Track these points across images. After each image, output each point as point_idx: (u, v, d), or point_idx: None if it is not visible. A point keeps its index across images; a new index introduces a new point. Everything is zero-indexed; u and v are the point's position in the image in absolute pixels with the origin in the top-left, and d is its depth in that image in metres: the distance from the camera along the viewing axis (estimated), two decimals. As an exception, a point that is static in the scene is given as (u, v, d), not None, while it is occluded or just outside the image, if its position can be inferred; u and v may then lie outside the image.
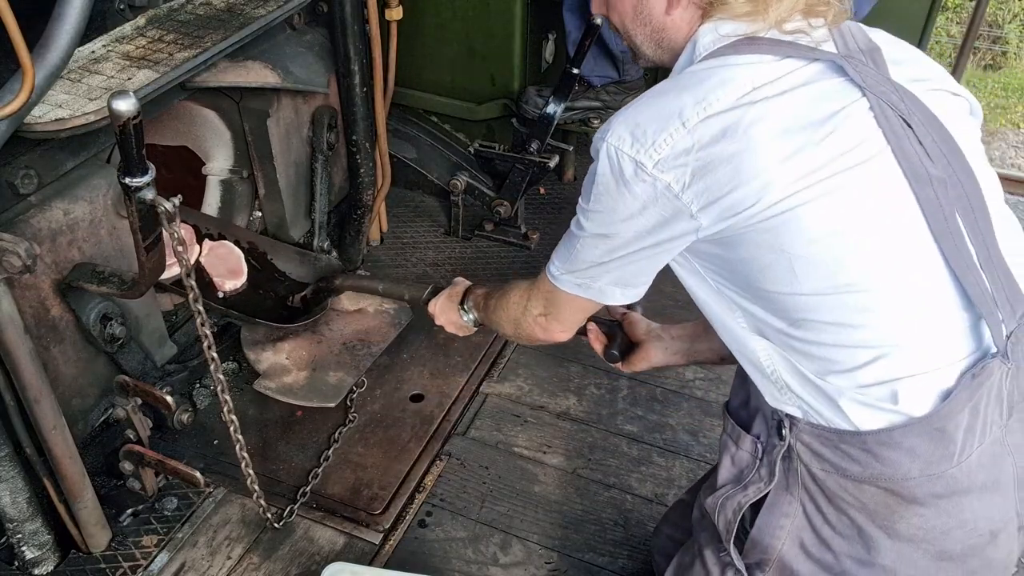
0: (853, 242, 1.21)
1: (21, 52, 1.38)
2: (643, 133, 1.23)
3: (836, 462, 1.27)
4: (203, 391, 2.41)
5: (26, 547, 1.89)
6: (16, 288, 1.69)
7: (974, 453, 1.24)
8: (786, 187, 1.18)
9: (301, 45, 2.44)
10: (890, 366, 1.22)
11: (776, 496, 1.35)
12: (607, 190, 1.28)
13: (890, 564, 1.29)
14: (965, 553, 1.28)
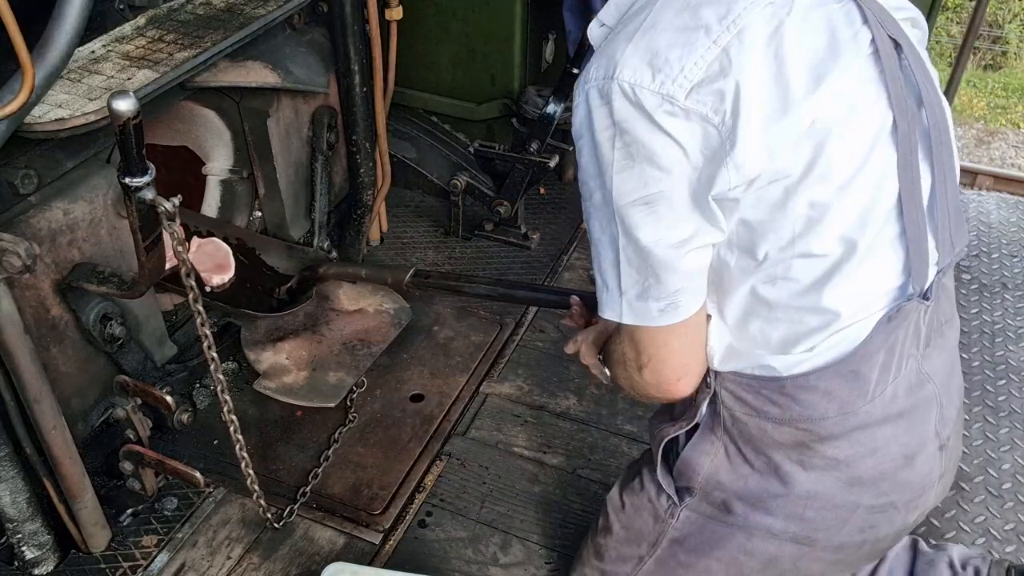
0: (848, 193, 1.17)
1: (21, 52, 1.38)
2: (665, 61, 1.08)
3: (757, 406, 1.32)
4: (203, 391, 2.41)
5: (26, 547, 1.89)
6: (16, 288, 1.69)
7: (888, 387, 1.29)
8: (811, 120, 1.10)
9: (301, 45, 2.44)
10: (828, 324, 1.25)
11: (701, 435, 1.42)
12: (634, 138, 1.11)
13: (803, 492, 1.36)
14: (876, 478, 1.35)
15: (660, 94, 1.08)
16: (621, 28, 1.16)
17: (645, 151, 1.11)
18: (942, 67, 6.87)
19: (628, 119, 1.11)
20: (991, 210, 3.20)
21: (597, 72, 1.13)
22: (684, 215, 1.16)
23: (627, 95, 1.09)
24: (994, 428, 2.34)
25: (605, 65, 1.12)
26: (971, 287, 2.83)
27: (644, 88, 1.09)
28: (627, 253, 1.20)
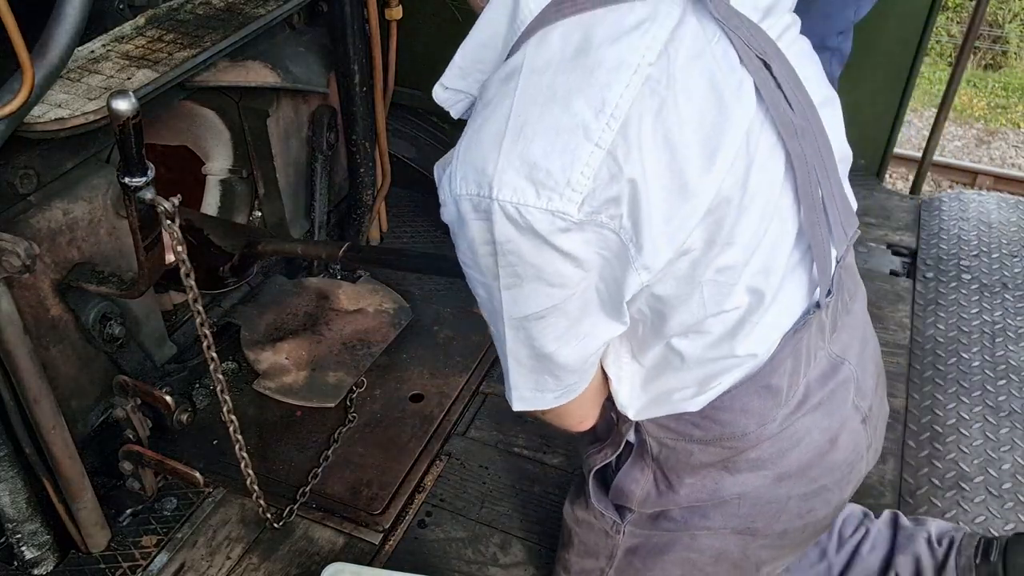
0: (752, 249, 1.12)
1: (21, 52, 1.38)
2: (547, 174, 0.95)
3: (680, 430, 1.33)
4: (203, 391, 2.41)
5: (25, 547, 1.89)
6: (16, 288, 1.69)
7: (800, 387, 1.29)
8: (712, 197, 1.02)
9: (301, 45, 2.44)
10: (742, 364, 1.25)
11: (632, 463, 1.43)
12: (521, 258, 1.00)
13: (734, 495, 1.37)
14: (803, 468, 1.35)
15: (549, 211, 0.95)
16: (479, 119, 1.02)
17: (534, 271, 1.01)
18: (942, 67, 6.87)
19: (512, 240, 0.98)
20: (991, 210, 3.20)
21: (466, 184, 0.99)
22: (583, 320, 1.10)
23: (511, 217, 0.96)
24: (994, 428, 2.34)
25: (476, 179, 0.98)
26: (971, 287, 2.82)
27: (530, 207, 0.95)
28: (518, 356, 1.15)
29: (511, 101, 0.98)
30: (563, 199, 0.95)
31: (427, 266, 2.03)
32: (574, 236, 0.98)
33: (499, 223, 0.97)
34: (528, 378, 1.18)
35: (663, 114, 0.97)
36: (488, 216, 0.98)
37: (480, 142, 1.00)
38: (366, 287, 2.72)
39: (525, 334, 1.10)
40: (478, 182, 0.98)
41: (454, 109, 1.23)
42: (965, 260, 2.93)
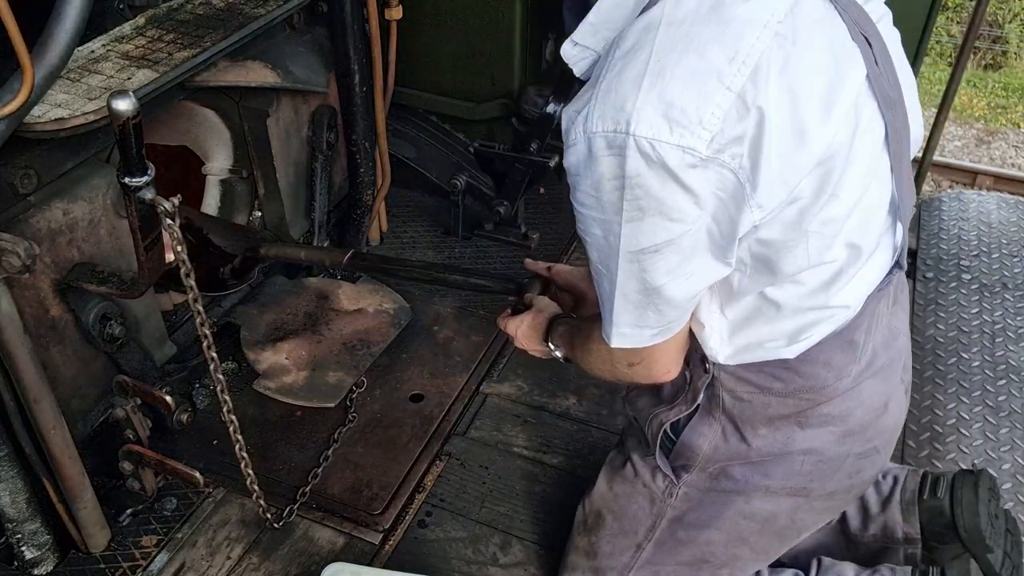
0: (854, 205, 1.22)
1: (21, 52, 1.38)
2: (681, 112, 1.04)
3: (760, 383, 1.40)
4: (203, 391, 2.41)
5: (25, 547, 1.89)
6: (16, 288, 1.69)
7: (869, 347, 1.39)
8: (825, 148, 1.12)
9: (301, 45, 2.43)
10: (834, 315, 1.34)
11: (700, 418, 1.49)
12: (647, 192, 1.09)
13: (801, 450, 1.44)
14: (864, 426, 1.45)
15: (680, 146, 1.05)
16: (619, 65, 1.10)
17: (657, 204, 1.09)
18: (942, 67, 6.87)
19: (642, 174, 1.07)
20: (991, 210, 3.20)
21: (603, 121, 1.08)
22: (694, 258, 1.17)
23: (644, 151, 1.05)
24: (994, 428, 2.34)
25: (613, 116, 1.07)
26: (971, 287, 2.82)
27: (664, 143, 1.05)
28: (626, 290, 1.21)
29: (651, 48, 1.07)
30: (694, 136, 1.04)
31: (432, 277, 2.05)
32: (698, 173, 1.06)
33: (632, 157, 1.06)
34: (632, 313, 1.24)
35: (789, 66, 1.07)
36: (622, 151, 1.06)
37: (620, 84, 1.08)
38: (366, 287, 2.72)
39: (639, 267, 1.16)
40: (615, 119, 1.07)
41: (578, 66, 1.29)
42: (965, 260, 2.93)
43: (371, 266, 2.23)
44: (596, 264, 1.23)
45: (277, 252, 2.31)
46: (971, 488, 1.77)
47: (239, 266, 2.38)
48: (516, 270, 2.96)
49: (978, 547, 1.73)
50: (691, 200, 1.09)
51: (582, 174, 1.14)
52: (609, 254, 1.18)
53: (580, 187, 1.15)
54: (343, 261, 2.00)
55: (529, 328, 1.69)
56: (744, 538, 1.59)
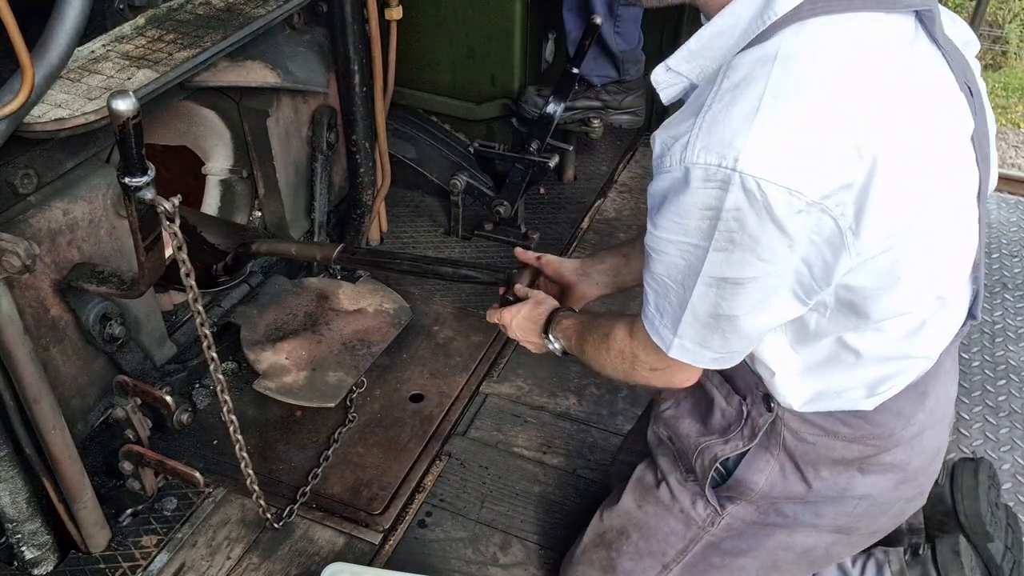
0: (948, 257, 1.23)
1: (20, 52, 1.38)
2: (795, 154, 1.02)
3: (827, 427, 1.38)
4: (203, 391, 2.41)
5: (25, 547, 1.89)
6: (16, 288, 1.69)
7: (934, 396, 1.39)
8: (927, 199, 1.12)
9: (301, 45, 2.43)
10: (916, 366, 1.34)
11: (755, 454, 1.46)
12: (742, 227, 1.05)
13: (860, 494, 1.43)
14: (918, 473, 1.46)
15: (788, 189, 1.02)
16: (727, 97, 1.06)
17: (750, 242, 1.07)
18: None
19: (741, 210, 1.04)
20: (991, 210, 3.20)
21: (707, 154, 1.04)
22: (773, 296, 1.15)
23: (748, 189, 1.02)
24: (994, 428, 2.34)
25: (719, 149, 1.03)
26: (971, 287, 2.82)
27: (772, 183, 1.01)
28: (698, 311, 1.18)
29: (765, 83, 1.04)
30: (803, 180, 1.01)
31: (422, 269, 2.06)
32: (800, 218, 1.04)
33: (733, 193, 1.03)
34: (698, 333, 1.21)
35: (900, 116, 1.06)
36: (724, 186, 1.03)
37: (730, 117, 1.04)
38: (366, 287, 2.72)
39: (716, 293, 1.14)
40: (721, 153, 1.03)
41: (666, 92, 1.26)
42: (965, 260, 2.92)
43: (361, 260, 2.24)
44: (662, 277, 1.19)
45: (269, 248, 2.32)
46: (971, 474, 1.78)
47: (231, 263, 2.39)
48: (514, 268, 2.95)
49: (979, 535, 1.73)
50: (785, 243, 1.07)
51: (669, 199, 1.11)
52: (687, 274, 1.15)
53: (664, 211, 1.12)
54: (333, 256, 2.01)
55: (526, 319, 1.66)
56: (778, 566, 1.56)
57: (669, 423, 1.61)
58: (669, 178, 1.09)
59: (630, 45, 2.93)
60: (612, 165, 3.48)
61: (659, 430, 1.65)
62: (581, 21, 2.85)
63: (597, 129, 3.07)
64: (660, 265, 1.18)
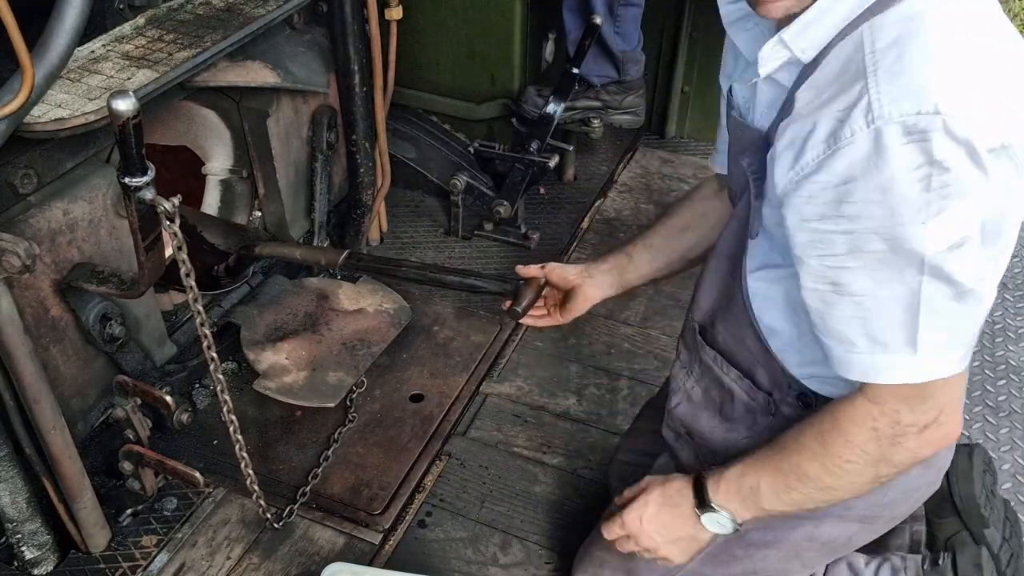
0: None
1: (20, 52, 1.38)
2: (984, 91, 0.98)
3: None
4: (203, 391, 2.41)
5: (25, 547, 1.89)
6: (16, 288, 1.69)
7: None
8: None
9: (301, 45, 2.43)
10: None
11: None
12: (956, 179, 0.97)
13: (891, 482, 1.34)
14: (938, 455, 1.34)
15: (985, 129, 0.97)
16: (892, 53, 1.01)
17: (959, 188, 0.98)
18: (942, 67, 6.88)
19: (951, 156, 0.96)
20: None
21: (900, 105, 0.97)
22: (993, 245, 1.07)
23: (950, 129, 0.95)
24: (994, 428, 2.34)
25: (915, 96, 0.96)
26: (971, 287, 2.82)
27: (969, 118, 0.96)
28: (933, 303, 1.05)
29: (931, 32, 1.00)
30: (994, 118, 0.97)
31: (427, 278, 2.06)
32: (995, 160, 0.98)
33: (938, 139, 0.95)
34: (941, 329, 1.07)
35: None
36: (926, 135, 0.95)
37: (912, 65, 0.97)
38: (366, 287, 2.72)
39: (950, 270, 1.03)
40: (918, 100, 0.95)
41: (767, 66, 1.18)
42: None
43: (367, 266, 2.24)
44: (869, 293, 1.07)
45: (272, 251, 2.31)
46: (965, 457, 1.77)
47: (233, 264, 2.38)
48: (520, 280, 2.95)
49: (974, 520, 1.72)
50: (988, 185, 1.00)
51: (860, 178, 1.00)
52: (899, 266, 1.03)
53: (855, 196, 1.01)
54: (339, 261, 2.01)
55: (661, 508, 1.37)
56: (800, 555, 1.53)
57: (685, 419, 1.59)
58: (852, 151, 0.99)
59: (630, 45, 2.93)
60: (612, 165, 3.48)
61: (675, 425, 1.64)
62: (581, 21, 2.85)
63: (597, 129, 3.07)
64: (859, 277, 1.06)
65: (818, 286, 1.10)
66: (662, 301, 2.81)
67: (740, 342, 1.45)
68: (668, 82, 3.50)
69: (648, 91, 3.21)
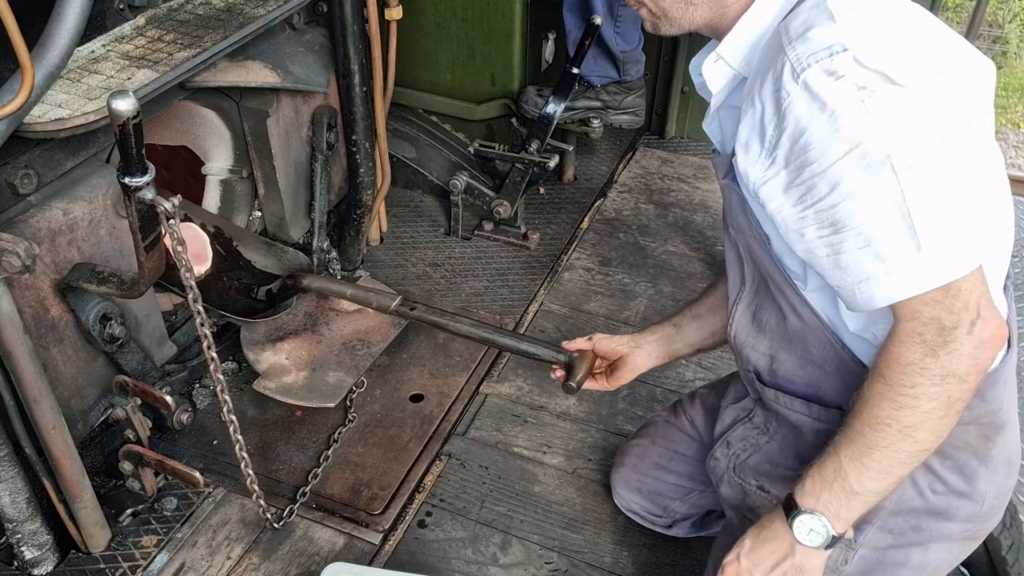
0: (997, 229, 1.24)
1: (21, 52, 1.38)
2: (883, 40, 1.10)
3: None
4: (203, 391, 2.41)
5: (26, 547, 1.89)
6: (16, 288, 1.69)
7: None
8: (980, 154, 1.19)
9: (301, 45, 2.43)
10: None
11: None
12: (887, 95, 1.06)
13: (982, 488, 1.37)
14: (1015, 459, 1.39)
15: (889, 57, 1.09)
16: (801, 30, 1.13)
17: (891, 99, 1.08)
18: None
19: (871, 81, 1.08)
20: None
21: (813, 56, 1.09)
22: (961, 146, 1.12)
23: (861, 60, 1.08)
24: (994, 428, 2.34)
25: (822, 44, 1.10)
26: (971, 287, 2.82)
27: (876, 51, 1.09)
28: (917, 194, 1.06)
29: (831, 9, 1.13)
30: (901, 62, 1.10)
31: (480, 337, 2.06)
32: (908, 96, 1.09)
33: (856, 71, 1.06)
34: (941, 218, 1.07)
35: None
36: (843, 70, 1.06)
37: (818, 29, 1.10)
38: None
39: (916, 160, 1.06)
40: (827, 46, 1.08)
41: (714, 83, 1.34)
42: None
43: (420, 316, 2.15)
44: (860, 217, 1.09)
45: (320, 285, 2.29)
46: None
47: (277, 291, 2.36)
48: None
49: None
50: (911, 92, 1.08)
51: (810, 125, 1.09)
52: (877, 180, 1.07)
53: (813, 141, 1.09)
54: (391, 307, 1.97)
55: (755, 540, 1.32)
56: None
57: (759, 470, 1.55)
58: (794, 112, 1.10)
59: (630, 45, 2.93)
60: (612, 165, 3.48)
61: (744, 481, 1.58)
62: (581, 21, 2.85)
63: (597, 129, 3.07)
64: (849, 210, 1.09)
65: (821, 232, 1.14)
66: (662, 301, 2.81)
67: (807, 359, 1.41)
68: (668, 82, 3.50)
69: (648, 91, 3.21)
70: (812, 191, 1.13)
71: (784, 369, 1.47)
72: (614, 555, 2.04)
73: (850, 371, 1.37)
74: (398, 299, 1.96)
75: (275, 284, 2.36)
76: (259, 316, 2.36)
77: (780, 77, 1.11)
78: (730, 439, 1.65)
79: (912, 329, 1.12)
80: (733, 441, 1.65)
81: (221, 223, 2.43)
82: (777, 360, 1.48)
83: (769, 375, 1.51)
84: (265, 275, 2.42)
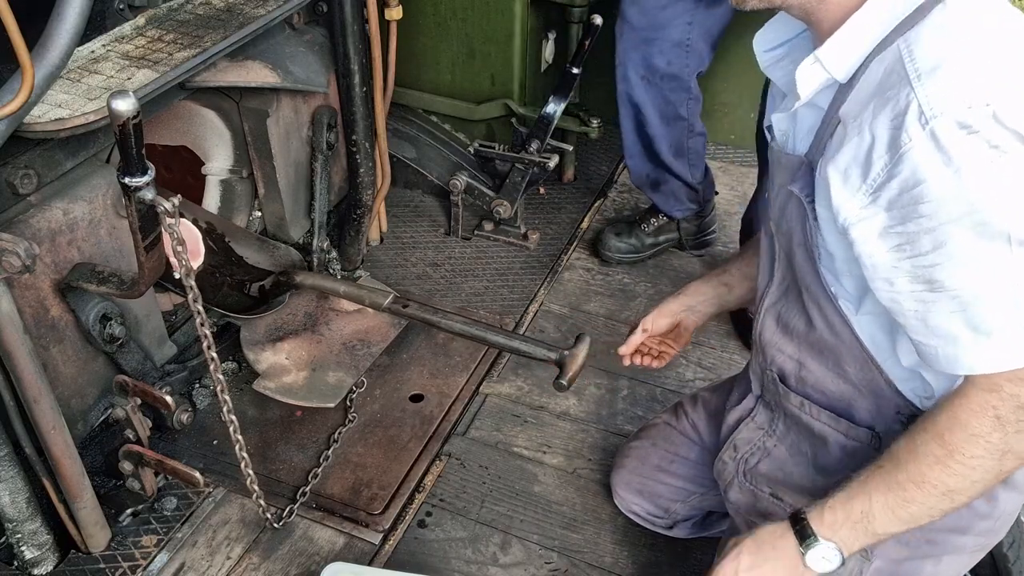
0: None
1: (20, 52, 1.38)
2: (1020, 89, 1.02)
3: None
4: (203, 391, 2.41)
5: (25, 547, 1.89)
6: (16, 288, 1.69)
7: None
8: None
9: (301, 45, 2.43)
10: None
11: None
12: (1019, 160, 1.01)
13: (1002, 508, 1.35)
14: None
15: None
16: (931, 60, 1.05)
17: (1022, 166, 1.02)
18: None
19: (1005, 141, 1.01)
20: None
21: (947, 104, 1.01)
22: None
23: (1000, 119, 1.00)
24: (994, 428, 2.34)
25: (960, 94, 1.01)
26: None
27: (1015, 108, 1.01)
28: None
29: (957, 37, 1.05)
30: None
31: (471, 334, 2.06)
32: None
33: (992, 129, 0.99)
34: None
35: None
36: (979, 127, 0.99)
37: (952, 66, 1.02)
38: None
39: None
40: (965, 95, 0.99)
41: (804, 88, 1.22)
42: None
43: (412, 314, 2.17)
44: (964, 284, 1.05)
45: (314, 282, 2.29)
46: None
47: (270, 288, 2.36)
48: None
49: None
50: None
51: (929, 177, 1.02)
52: (990, 251, 1.02)
53: (928, 195, 1.03)
54: (383, 304, 1.98)
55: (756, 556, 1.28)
56: None
57: (772, 477, 1.53)
58: (912, 159, 1.02)
59: (702, 173, 2.88)
60: (612, 165, 3.48)
61: (757, 488, 1.57)
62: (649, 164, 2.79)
63: (597, 129, 3.08)
64: (950, 273, 1.05)
65: (914, 287, 1.09)
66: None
67: (839, 374, 1.39)
68: (668, 82, 3.49)
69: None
70: (914, 244, 1.07)
71: (814, 378, 1.43)
72: (614, 555, 2.04)
73: (885, 397, 1.34)
74: (391, 296, 1.98)
75: (268, 280, 2.36)
76: (252, 312, 2.36)
77: (903, 116, 1.02)
78: (736, 442, 1.64)
79: (988, 401, 1.09)
80: (740, 444, 1.64)
81: (213, 219, 2.43)
82: (806, 367, 1.44)
83: (797, 381, 1.47)
84: (258, 271, 2.42)
